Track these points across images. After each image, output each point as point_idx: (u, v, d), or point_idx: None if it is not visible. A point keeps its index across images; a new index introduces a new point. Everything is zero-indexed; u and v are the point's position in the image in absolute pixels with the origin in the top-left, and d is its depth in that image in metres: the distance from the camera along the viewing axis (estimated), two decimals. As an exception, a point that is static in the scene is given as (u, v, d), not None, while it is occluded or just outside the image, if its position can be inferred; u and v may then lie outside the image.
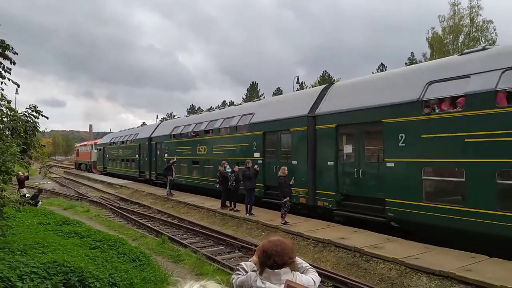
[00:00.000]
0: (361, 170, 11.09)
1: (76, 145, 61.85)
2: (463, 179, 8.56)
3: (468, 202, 8.35)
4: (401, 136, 9.81)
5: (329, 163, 12.14)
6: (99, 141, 45.65)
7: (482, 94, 8.16)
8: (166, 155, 24.11)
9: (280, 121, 14.34)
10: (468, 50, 9.83)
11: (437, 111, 9.24)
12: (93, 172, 42.92)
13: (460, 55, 9.90)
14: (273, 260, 2.12)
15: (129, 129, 36.59)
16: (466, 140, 8.46)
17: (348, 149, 11.79)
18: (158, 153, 25.72)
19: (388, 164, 10.13)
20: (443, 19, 35.93)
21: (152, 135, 27.06)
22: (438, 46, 36.12)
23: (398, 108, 9.97)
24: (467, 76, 8.72)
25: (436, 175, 9.49)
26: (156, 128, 27.68)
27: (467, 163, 8.43)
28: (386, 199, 10.12)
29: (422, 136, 9.33)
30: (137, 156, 29.67)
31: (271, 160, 14.73)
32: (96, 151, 43.65)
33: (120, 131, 40.00)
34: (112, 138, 39.09)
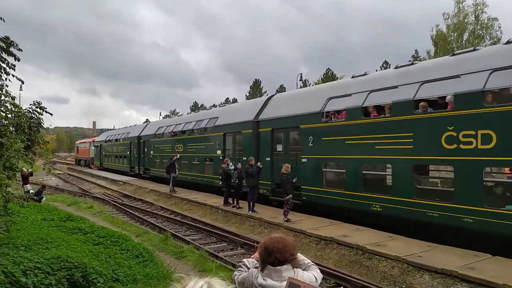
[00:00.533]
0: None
1: (76, 142, 64.83)
2: (344, 170, 11.77)
3: (347, 187, 11.51)
4: (310, 138, 13.00)
5: (266, 158, 15.21)
6: (96, 139, 47.89)
7: (355, 109, 11.43)
8: (152, 152, 27.44)
9: (235, 124, 17.53)
10: (357, 75, 12.86)
11: (332, 120, 12.46)
12: (91, 168, 44.91)
13: (352, 77, 13.05)
14: (274, 257, 2.12)
15: (122, 128, 39.53)
16: (346, 142, 11.62)
17: (279, 147, 14.95)
18: (146, 150, 28.75)
19: (303, 160, 13.26)
20: (447, 17, 35.79)
21: (141, 134, 30.07)
22: (443, 44, 35.96)
23: (308, 117, 13.13)
24: (349, 95, 11.98)
25: (331, 168, 12.86)
26: (144, 128, 30.98)
27: (346, 158, 11.60)
28: (301, 186, 13.06)
29: (323, 138, 12.51)
30: (128, 153, 32.85)
31: (229, 157, 17.46)
32: (93, 148, 46.17)
33: (114, 129, 45.45)
34: (108, 136, 42.20)
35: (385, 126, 10.44)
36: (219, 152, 18.36)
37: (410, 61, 12.35)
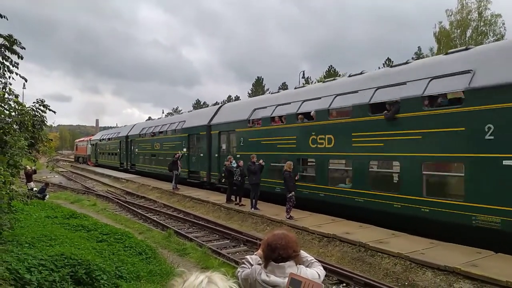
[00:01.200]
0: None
1: (76, 141, 68.66)
2: (263, 163, 14.15)
3: (263, 175, 14.20)
4: (241, 139, 17.04)
5: (215, 155, 19.27)
6: (92, 138, 51.31)
7: (266, 118, 15.63)
8: (136, 149, 32.05)
9: (194, 127, 21.71)
10: (273, 92, 18.59)
11: (255, 126, 16.40)
12: (88, 164, 47.92)
13: (272, 93, 18.70)
14: (277, 253, 2.13)
15: (115, 127, 42.59)
16: (261, 142, 15.68)
17: (223, 146, 18.97)
18: (132, 148, 33.03)
19: (237, 155, 16.46)
20: (450, 13, 35.53)
21: (129, 134, 34.44)
22: (446, 41, 35.74)
23: (241, 123, 17.23)
24: (264, 107, 16.08)
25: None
26: (132, 128, 35.09)
27: (262, 154, 14.76)
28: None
29: (249, 139, 16.54)
30: (118, 150, 37.05)
31: (192, 152, 22.00)
32: (90, 146, 49.20)
33: (109, 129, 46.98)
34: (102, 135, 46.25)
35: (280, 131, 14.70)
36: (184, 149, 22.45)
37: (413, 58, 12.52)
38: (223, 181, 16.39)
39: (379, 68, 46.13)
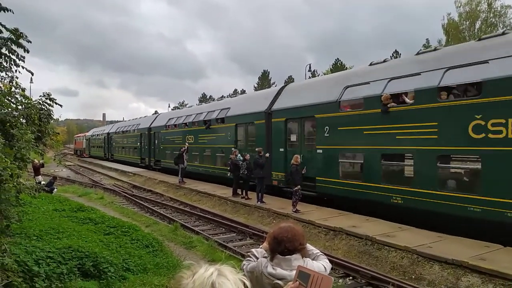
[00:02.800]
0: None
1: (74, 136, 78.24)
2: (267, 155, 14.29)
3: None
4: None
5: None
6: (87, 134, 60.87)
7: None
8: (114, 143, 41.25)
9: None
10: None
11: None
12: (84, 156, 56.15)
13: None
14: (283, 246, 2.12)
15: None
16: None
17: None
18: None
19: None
20: (459, 5, 35.03)
21: (110, 131, 43.85)
22: (454, 33, 35.30)
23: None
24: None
25: None
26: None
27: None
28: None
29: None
30: (103, 144, 46.40)
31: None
32: (85, 140, 58.86)
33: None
34: (93, 132, 56.36)
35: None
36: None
37: (420, 49, 12.19)
38: (228, 175, 16.26)
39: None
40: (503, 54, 8.41)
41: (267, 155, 14.06)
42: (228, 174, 16.08)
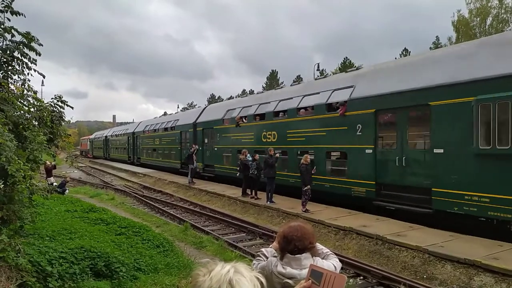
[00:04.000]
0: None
1: (80, 139, 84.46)
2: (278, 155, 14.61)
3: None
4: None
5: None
6: (90, 137, 68.41)
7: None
8: (110, 145, 49.29)
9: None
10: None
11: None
12: (88, 156, 62.14)
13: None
14: (293, 245, 2.12)
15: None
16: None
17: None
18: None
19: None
20: (470, 1, 34.59)
21: (107, 135, 51.39)
22: (464, 30, 34.87)
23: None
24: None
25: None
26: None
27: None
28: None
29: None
30: (102, 145, 53.47)
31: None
32: (89, 142, 66.43)
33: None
34: (95, 135, 64.57)
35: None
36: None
37: (430, 48, 12.20)
38: (237, 174, 16.27)
39: (395, 59, 45.46)
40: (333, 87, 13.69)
41: (277, 155, 14.06)
42: (237, 174, 16.10)
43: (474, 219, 8.84)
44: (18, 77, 5.72)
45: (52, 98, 6.29)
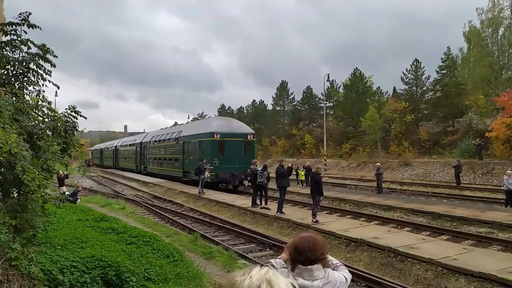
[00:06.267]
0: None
1: (86, 149, 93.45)
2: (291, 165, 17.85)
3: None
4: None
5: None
6: (91, 148, 79.80)
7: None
8: (104, 156, 62.16)
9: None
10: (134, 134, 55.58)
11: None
12: (90, 165, 65.42)
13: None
14: (305, 256, 2.11)
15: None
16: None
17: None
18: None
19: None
20: (481, 12, 34.40)
21: (102, 147, 65.71)
22: (476, 40, 34.63)
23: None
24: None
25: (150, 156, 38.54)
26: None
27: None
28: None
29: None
30: (99, 156, 66.34)
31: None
32: (91, 152, 75.42)
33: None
34: (94, 147, 76.69)
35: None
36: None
37: (441, 58, 12.10)
38: (246, 184, 16.34)
39: (405, 69, 45.41)
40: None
41: (290, 164, 14.07)
42: (246, 184, 16.14)
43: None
44: (33, 88, 5.84)
45: (66, 109, 6.39)
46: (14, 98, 5.19)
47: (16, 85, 5.63)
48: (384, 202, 16.51)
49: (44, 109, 6.01)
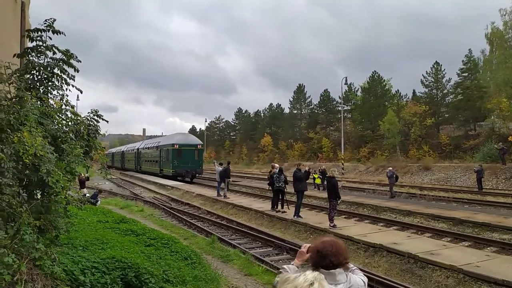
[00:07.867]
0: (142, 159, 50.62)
1: None
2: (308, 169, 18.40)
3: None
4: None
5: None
6: (113, 150, 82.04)
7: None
8: (141, 158, 63.01)
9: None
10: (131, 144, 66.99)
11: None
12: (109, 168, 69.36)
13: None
14: (329, 261, 2.11)
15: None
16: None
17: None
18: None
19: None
20: (504, 13, 33.56)
21: (140, 147, 64.09)
22: (499, 42, 33.81)
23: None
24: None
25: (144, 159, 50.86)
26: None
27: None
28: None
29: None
30: (120, 159, 69.66)
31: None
32: (111, 155, 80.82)
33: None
34: (115, 149, 78.44)
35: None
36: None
37: (463, 61, 11.87)
38: (268, 188, 16.41)
39: (425, 72, 44.73)
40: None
41: (307, 168, 14.00)
42: (268, 188, 16.17)
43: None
44: (57, 92, 5.98)
45: (88, 112, 6.53)
46: (39, 102, 5.33)
47: (41, 89, 5.78)
48: (403, 207, 16.24)
49: (68, 113, 6.15)
